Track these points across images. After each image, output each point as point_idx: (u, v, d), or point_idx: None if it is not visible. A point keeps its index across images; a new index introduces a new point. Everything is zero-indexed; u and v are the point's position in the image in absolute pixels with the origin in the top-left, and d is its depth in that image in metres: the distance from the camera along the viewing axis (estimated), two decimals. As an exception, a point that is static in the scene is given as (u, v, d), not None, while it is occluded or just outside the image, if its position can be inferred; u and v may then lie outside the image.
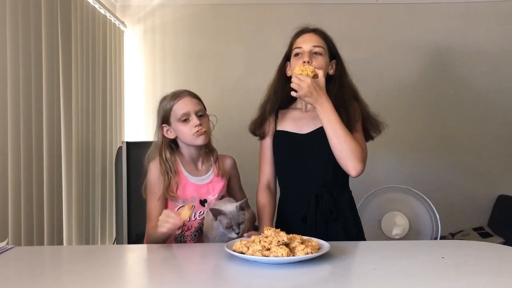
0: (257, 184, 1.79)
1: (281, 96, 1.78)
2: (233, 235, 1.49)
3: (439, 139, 3.39)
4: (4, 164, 1.81)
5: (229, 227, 1.50)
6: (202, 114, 1.69)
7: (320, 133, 1.66)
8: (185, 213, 1.43)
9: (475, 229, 3.31)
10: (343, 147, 1.58)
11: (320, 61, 1.67)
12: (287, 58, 1.77)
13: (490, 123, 3.38)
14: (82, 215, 2.56)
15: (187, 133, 1.66)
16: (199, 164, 1.75)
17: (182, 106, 1.66)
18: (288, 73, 1.76)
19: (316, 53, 1.67)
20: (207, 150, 1.77)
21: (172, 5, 3.34)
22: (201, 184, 1.72)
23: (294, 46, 1.72)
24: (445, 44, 3.36)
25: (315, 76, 1.59)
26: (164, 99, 1.73)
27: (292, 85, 1.57)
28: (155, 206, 1.66)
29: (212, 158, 1.77)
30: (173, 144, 1.73)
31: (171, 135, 1.70)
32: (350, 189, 1.76)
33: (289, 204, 1.74)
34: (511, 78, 3.36)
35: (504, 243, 2.91)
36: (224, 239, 1.50)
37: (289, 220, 1.71)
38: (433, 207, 2.81)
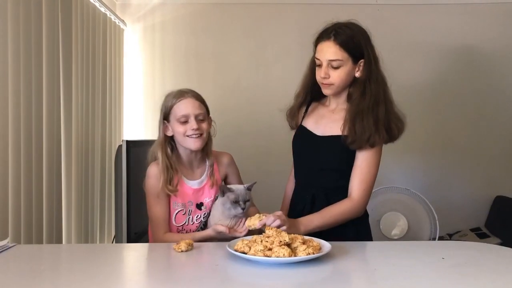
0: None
1: (311, 90, 1.75)
2: (239, 210, 1.57)
3: (437, 140, 3.40)
4: (5, 162, 1.81)
5: (236, 202, 1.57)
6: (202, 118, 1.66)
7: (331, 140, 1.67)
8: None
9: (472, 230, 3.32)
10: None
11: (337, 74, 1.60)
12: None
13: (489, 124, 3.39)
14: (82, 213, 2.55)
15: (182, 133, 1.64)
16: (194, 167, 1.74)
17: (183, 108, 1.64)
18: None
19: (334, 65, 1.60)
20: (203, 154, 1.74)
21: (172, 4, 3.34)
22: (197, 188, 1.71)
23: (315, 53, 1.66)
24: (444, 45, 3.36)
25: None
26: (168, 95, 1.70)
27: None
28: (160, 210, 1.65)
29: (207, 162, 1.75)
30: (173, 142, 1.71)
31: (169, 133, 1.69)
32: None
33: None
34: (508, 79, 3.37)
35: (501, 244, 2.92)
36: (228, 218, 1.60)
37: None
38: (432, 208, 2.82)
